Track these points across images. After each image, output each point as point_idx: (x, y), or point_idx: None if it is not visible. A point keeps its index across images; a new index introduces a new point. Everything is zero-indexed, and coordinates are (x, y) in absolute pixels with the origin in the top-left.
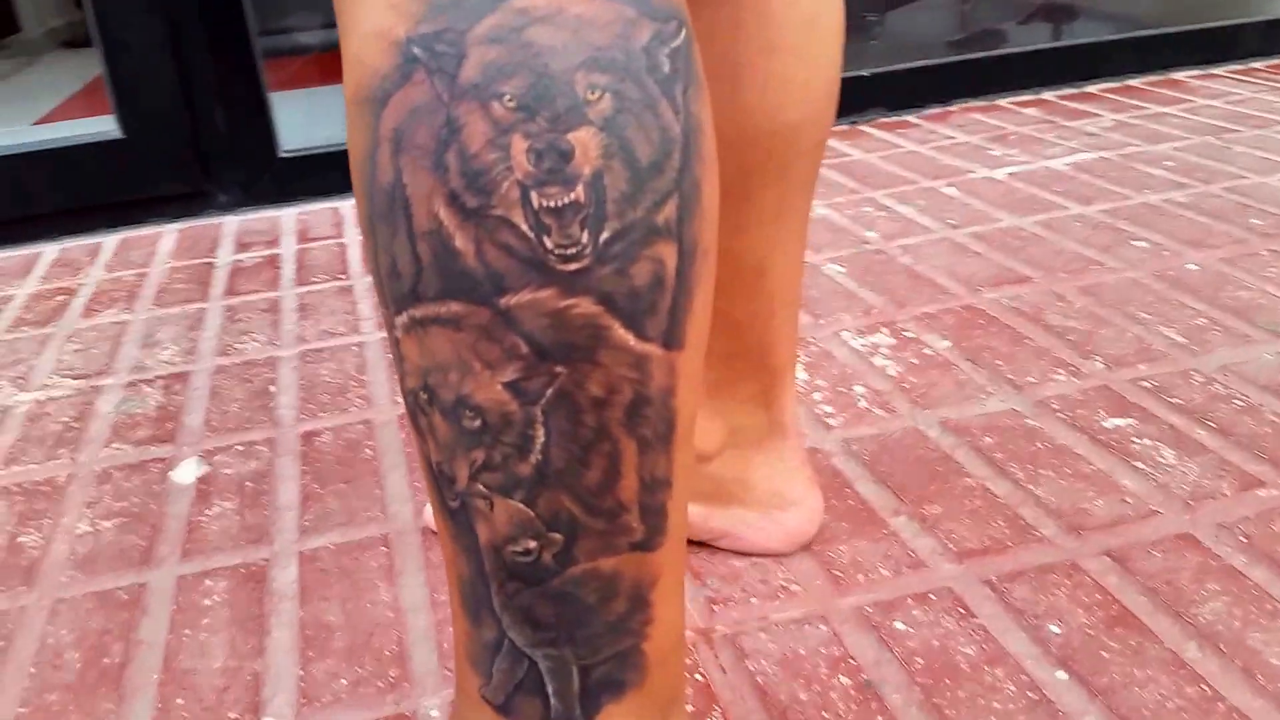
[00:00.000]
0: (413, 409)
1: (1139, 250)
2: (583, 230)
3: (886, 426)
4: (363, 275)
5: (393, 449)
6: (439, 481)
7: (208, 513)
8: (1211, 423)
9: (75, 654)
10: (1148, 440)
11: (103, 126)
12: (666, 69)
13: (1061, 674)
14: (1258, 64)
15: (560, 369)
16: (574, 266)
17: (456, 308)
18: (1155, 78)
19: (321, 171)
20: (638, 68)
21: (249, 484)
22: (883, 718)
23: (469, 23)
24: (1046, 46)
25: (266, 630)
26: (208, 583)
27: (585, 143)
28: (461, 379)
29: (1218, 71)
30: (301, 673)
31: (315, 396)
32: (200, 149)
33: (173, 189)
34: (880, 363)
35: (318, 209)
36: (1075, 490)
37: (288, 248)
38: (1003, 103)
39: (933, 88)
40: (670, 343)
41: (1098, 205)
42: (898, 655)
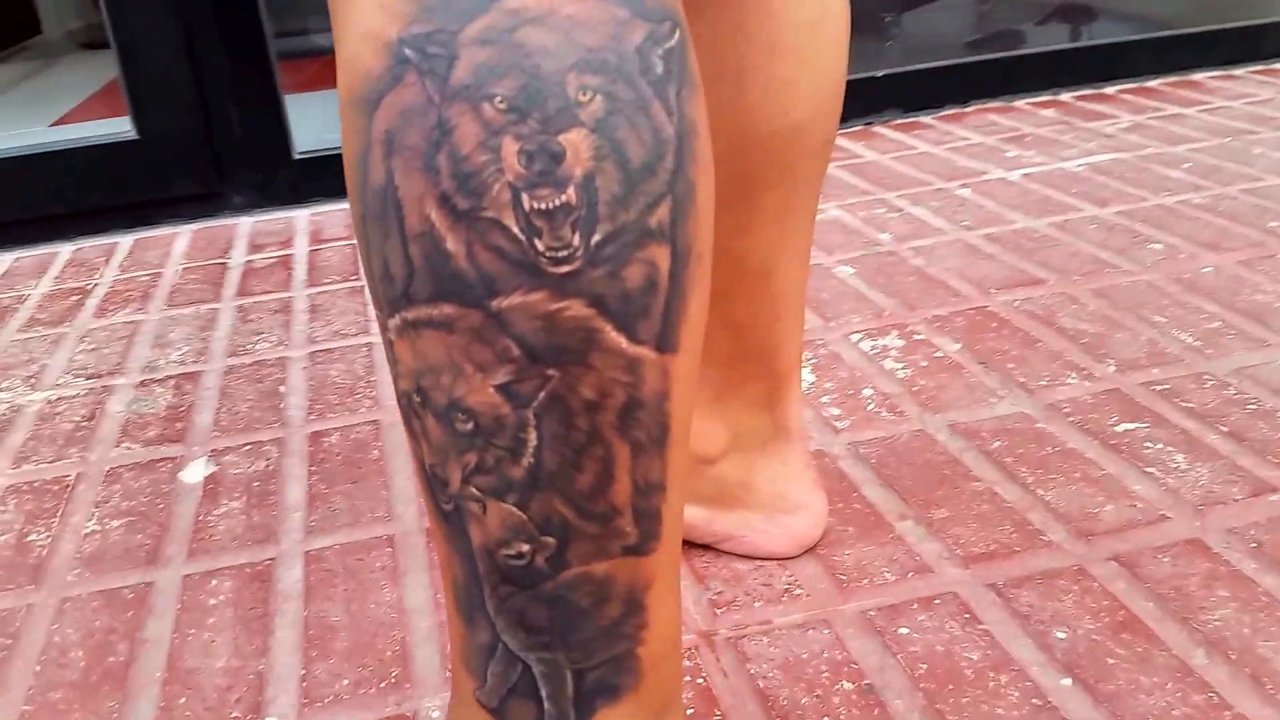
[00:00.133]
0: (406, 411)
1: (1154, 253)
2: (574, 232)
3: (894, 430)
4: None
5: (400, 450)
6: (432, 484)
7: (215, 512)
8: (1224, 427)
9: (80, 652)
10: (1159, 444)
11: (118, 128)
12: (659, 70)
13: (1066, 681)
14: None
15: (552, 372)
16: (565, 269)
17: (448, 310)
18: (1174, 79)
19: (335, 173)
20: (630, 69)
21: (256, 484)
22: None
23: (460, 24)
24: (1064, 47)
25: (270, 630)
26: (213, 582)
27: (577, 144)
28: (453, 381)
29: (1238, 73)
30: (304, 672)
31: (324, 397)
32: (215, 150)
33: (188, 190)
34: (890, 365)
35: (331, 210)
36: (1084, 495)
37: (300, 249)
38: (1019, 104)
39: (949, 88)
40: (663, 346)
41: (1113, 207)
42: (901, 660)
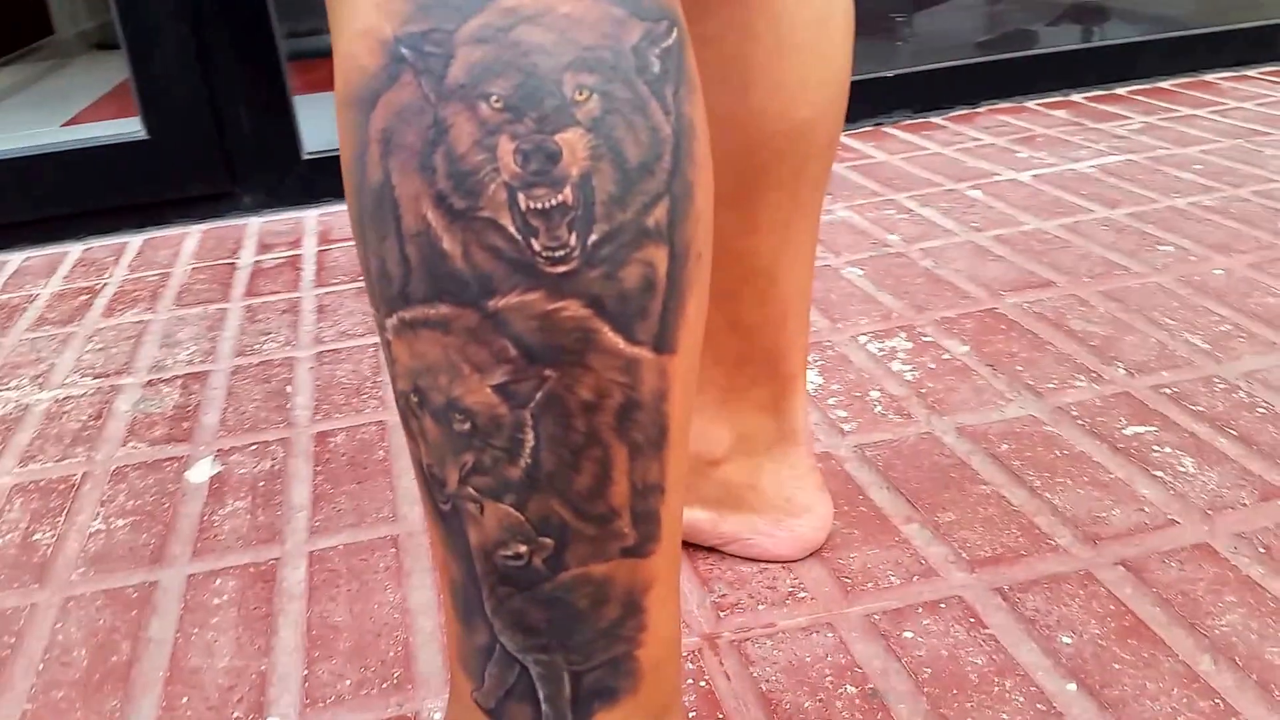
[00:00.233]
0: (404, 411)
1: (1165, 255)
2: (571, 232)
3: (901, 432)
4: None
5: (405, 451)
6: (430, 484)
7: (220, 512)
8: (1233, 431)
9: (83, 651)
10: (1168, 448)
11: (128, 128)
12: (657, 69)
13: (1072, 686)
14: None
15: (549, 372)
16: (562, 269)
17: (445, 310)
18: (1186, 79)
19: None
20: (627, 68)
21: (262, 484)
22: None
23: (457, 22)
24: (1076, 48)
25: (274, 630)
26: (217, 582)
27: (573, 144)
28: (451, 381)
29: (1251, 73)
30: (306, 673)
31: (330, 397)
32: (225, 151)
33: (198, 190)
34: (897, 368)
35: (340, 210)
36: (1092, 499)
37: (309, 249)
38: (1030, 104)
39: (960, 89)
40: (662, 346)
41: (1124, 209)
42: (905, 665)
